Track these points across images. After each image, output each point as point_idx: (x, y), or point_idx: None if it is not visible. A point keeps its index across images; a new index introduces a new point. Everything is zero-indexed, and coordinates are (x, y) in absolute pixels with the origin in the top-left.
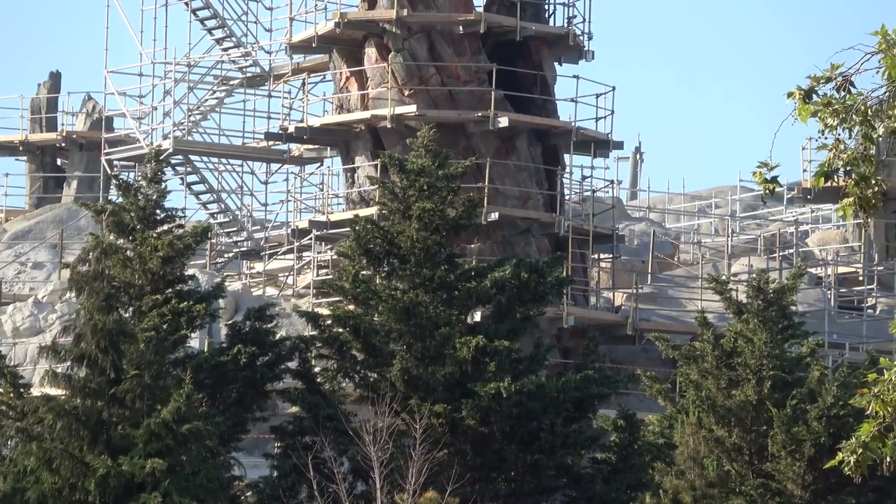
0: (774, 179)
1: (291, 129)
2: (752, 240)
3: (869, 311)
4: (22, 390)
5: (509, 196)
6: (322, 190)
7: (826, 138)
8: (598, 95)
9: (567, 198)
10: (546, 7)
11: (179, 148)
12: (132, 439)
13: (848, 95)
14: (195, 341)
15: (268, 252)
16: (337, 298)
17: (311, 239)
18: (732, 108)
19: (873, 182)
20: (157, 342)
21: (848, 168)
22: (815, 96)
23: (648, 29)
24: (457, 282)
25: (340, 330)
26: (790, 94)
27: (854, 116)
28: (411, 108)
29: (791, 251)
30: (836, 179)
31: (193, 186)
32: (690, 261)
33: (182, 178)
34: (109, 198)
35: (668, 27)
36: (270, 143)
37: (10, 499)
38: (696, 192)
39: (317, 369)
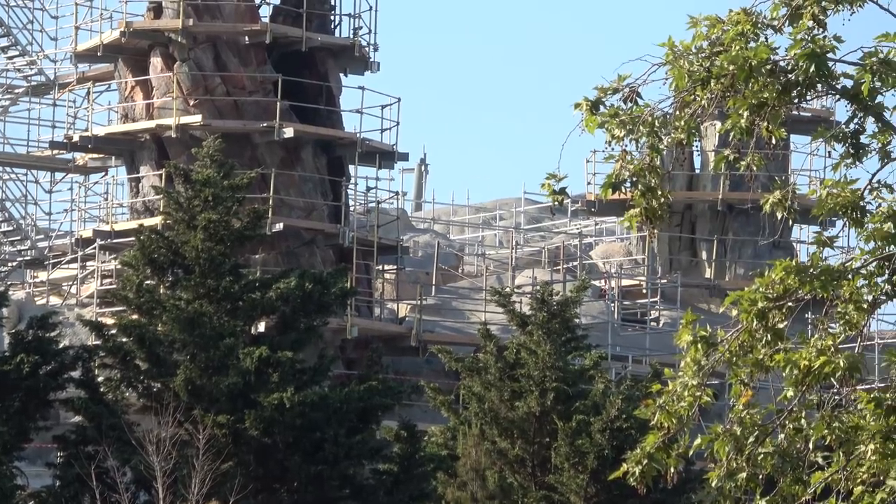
0: (563, 190)
1: (76, 138)
2: (537, 252)
3: (652, 323)
4: None
5: (294, 207)
6: (106, 199)
7: (613, 149)
8: (383, 107)
9: (352, 209)
10: (332, 18)
11: None
12: None
13: (635, 107)
14: None
15: (51, 261)
16: (121, 308)
17: (95, 248)
18: (517, 119)
19: (660, 193)
20: None
21: (634, 179)
22: (602, 107)
23: (434, 40)
24: (241, 292)
25: (124, 339)
26: (577, 105)
27: (641, 127)
28: (196, 118)
29: (575, 263)
30: (622, 191)
31: None
32: (475, 273)
33: None
34: None
35: (453, 38)
36: (55, 152)
37: None
38: (480, 204)
39: (100, 379)
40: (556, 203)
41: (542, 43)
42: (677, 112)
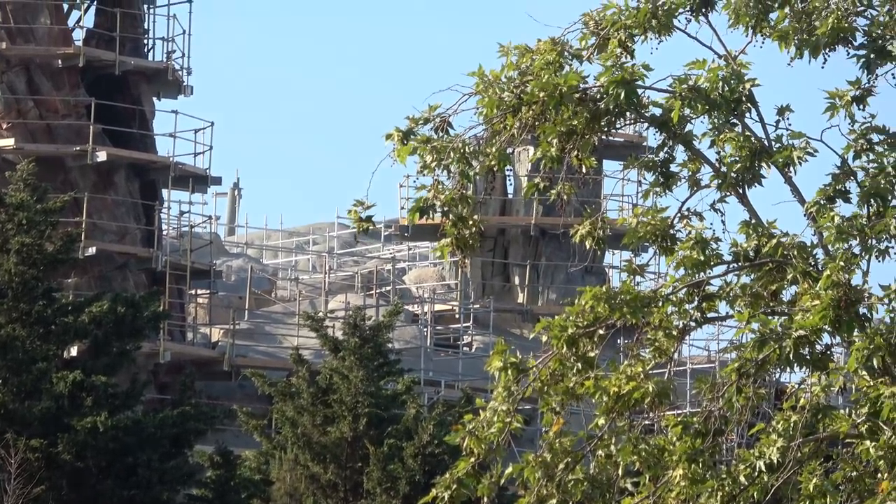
0: (369, 218)
1: None
2: (350, 276)
3: (465, 348)
4: None
5: (107, 231)
6: None
7: (425, 177)
8: (196, 131)
9: (165, 233)
10: (145, 42)
11: None
12: None
13: (447, 136)
14: None
15: None
16: None
17: None
18: (330, 145)
19: (470, 223)
20: None
21: (445, 209)
22: (412, 137)
23: (247, 65)
24: (54, 316)
25: None
26: (388, 136)
27: (452, 153)
28: (9, 142)
29: (388, 288)
30: (430, 216)
31: None
32: (288, 297)
33: None
34: None
35: (266, 63)
36: None
37: None
38: (293, 229)
39: None
40: (362, 230)
41: (355, 68)
42: (489, 140)
